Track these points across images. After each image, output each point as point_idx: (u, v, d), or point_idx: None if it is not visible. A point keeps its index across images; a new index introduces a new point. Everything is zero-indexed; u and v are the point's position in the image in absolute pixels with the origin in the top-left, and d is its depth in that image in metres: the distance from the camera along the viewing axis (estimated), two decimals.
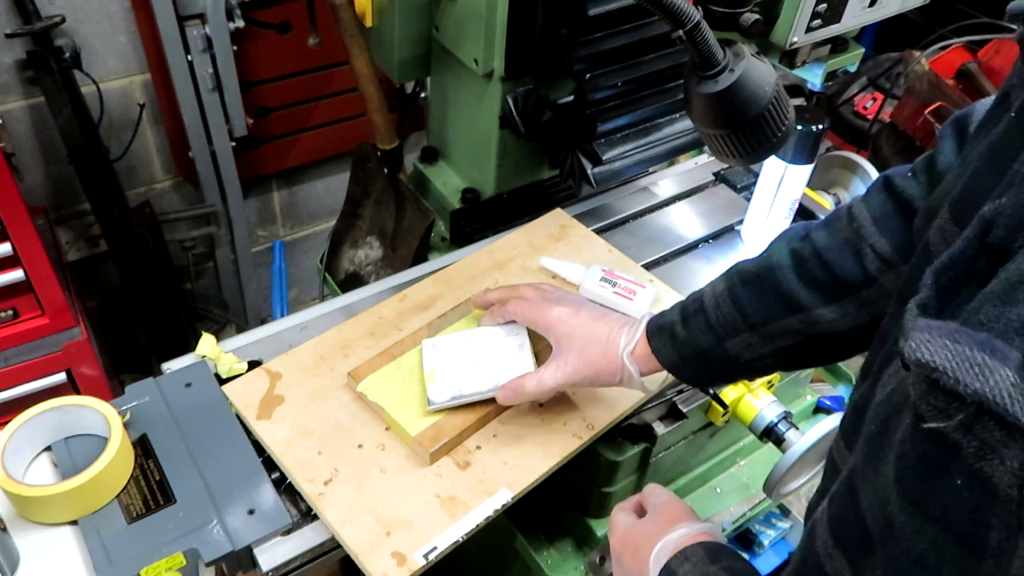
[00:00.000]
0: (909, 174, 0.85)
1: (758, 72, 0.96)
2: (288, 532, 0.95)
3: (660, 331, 0.94)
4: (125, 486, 0.95)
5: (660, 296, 1.22)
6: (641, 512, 0.93)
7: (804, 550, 0.63)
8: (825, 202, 1.61)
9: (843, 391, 1.64)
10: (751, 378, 1.01)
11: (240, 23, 1.99)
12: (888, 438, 0.53)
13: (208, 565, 0.90)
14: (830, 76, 1.30)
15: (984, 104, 0.76)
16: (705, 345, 0.91)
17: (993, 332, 0.46)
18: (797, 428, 1.22)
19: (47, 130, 2.01)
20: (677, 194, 1.50)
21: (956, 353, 0.45)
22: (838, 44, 1.28)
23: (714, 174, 1.55)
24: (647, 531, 0.87)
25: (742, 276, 0.91)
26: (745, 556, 1.25)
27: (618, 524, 0.92)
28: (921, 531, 0.49)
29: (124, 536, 0.90)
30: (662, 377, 0.99)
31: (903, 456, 0.50)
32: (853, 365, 3.05)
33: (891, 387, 0.56)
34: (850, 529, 0.57)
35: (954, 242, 0.50)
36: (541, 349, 1.09)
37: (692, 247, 1.39)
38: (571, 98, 1.33)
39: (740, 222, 1.42)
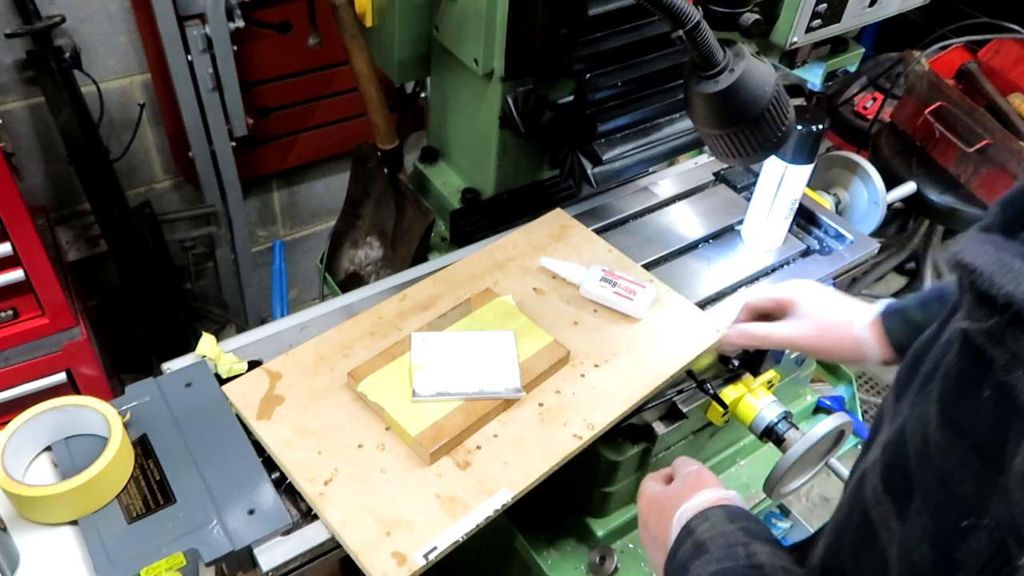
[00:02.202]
0: None
1: (758, 72, 0.96)
2: (288, 532, 0.95)
3: (894, 313, 0.98)
4: (125, 486, 0.95)
5: (660, 296, 1.23)
6: (670, 482, 0.96)
7: (851, 501, 0.64)
8: (825, 202, 1.61)
9: (843, 391, 1.64)
10: None
11: (240, 23, 1.99)
12: (938, 372, 0.55)
13: (208, 565, 0.90)
14: (830, 76, 1.30)
15: None
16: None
17: None
18: (797, 428, 1.22)
19: (47, 130, 2.01)
20: (677, 194, 1.50)
21: (996, 259, 0.48)
22: (838, 44, 1.28)
23: (714, 174, 1.55)
24: (672, 496, 0.90)
25: None
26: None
27: (646, 490, 0.96)
28: (950, 448, 0.52)
29: (124, 536, 0.90)
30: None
31: (946, 375, 0.53)
32: (853, 365, 3.04)
33: (949, 334, 0.58)
34: (899, 473, 0.58)
35: None
36: (527, 360, 1.10)
37: (692, 247, 1.39)
38: (571, 98, 1.33)
39: (740, 222, 1.42)
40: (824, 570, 0.68)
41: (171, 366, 1.11)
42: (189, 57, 1.99)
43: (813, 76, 1.29)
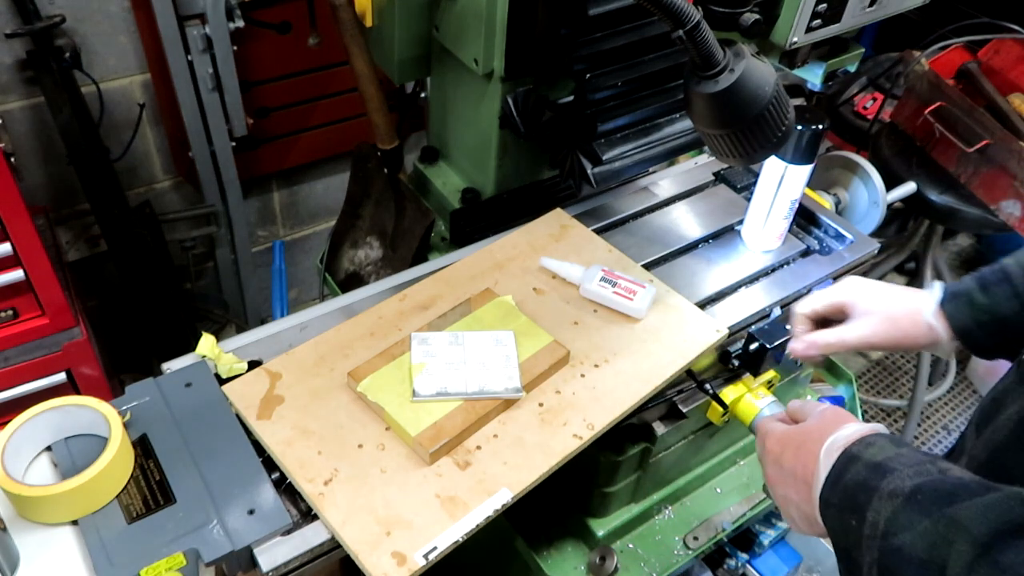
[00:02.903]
0: None
1: (758, 72, 0.96)
2: (288, 532, 0.95)
3: (955, 297, 0.97)
4: (125, 486, 0.95)
5: (660, 296, 1.23)
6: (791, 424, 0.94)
7: None
8: (825, 202, 1.61)
9: (843, 391, 1.64)
10: None
11: (240, 23, 1.99)
12: None
13: (208, 565, 0.90)
14: (830, 76, 1.30)
15: None
16: (1007, 312, 0.93)
17: None
18: None
19: (47, 130, 2.01)
20: (677, 194, 1.50)
21: None
22: (838, 44, 1.28)
23: (714, 174, 1.55)
24: (812, 430, 0.86)
25: None
26: (744, 557, 1.25)
27: (774, 430, 0.93)
28: None
29: (124, 536, 0.90)
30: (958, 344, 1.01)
31: None
32: (853, 366, 3.04)
33: None
34: None
35: None
36: (527, 360, 1.10)
37: (692, 247, 1.39)
38: (571, 98, 1.33)
39: (740, 222, 1.42)
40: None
41: (171, 366, 1.11)
42: (189, 57, 1.99)
43: (813, 76, 1.29)
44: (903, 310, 1.02)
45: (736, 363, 1.24)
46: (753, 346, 1.21)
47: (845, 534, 0.75)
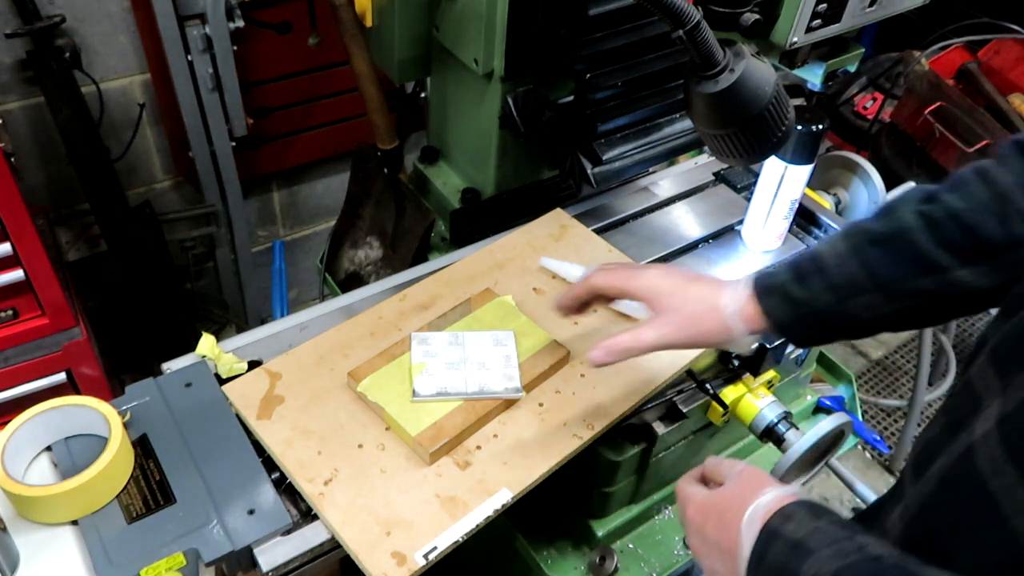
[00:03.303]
0: None
1: (758, 72, 0.96)
2: (288, 532, 0.95)
3: (771, 292, 0.94)
4: (125, 486, 0.95)
5: None
6: (708, 484, 0.91)
7: (959, 476, 0.63)
8: (825, 202, 1.62)
9: (843, 391, 1.64)
10: (861, 337, 1.00)
11: (240, 23, 1.99)
12: None
13: (208, 565, 0.90)
14: (830, 76, 1.30)
15: None
16: (824, 305, 0.91)
17: None
18: (797, 428, 1.22)
19: (47, 130, 2.01)
20: (677, 194, 1.50)
21: None
22: (838, 44, 1.28)
23: (714, 174, 1.55)
24: (732, 497, 0.84)
25: (869, 236, 0.90)
26: None
27: (694, 496, 0.89)
28: None
29: (124, 536, 0.90)
30: (755, 336, 0.98)
31: None
32: (853, 366, 3.04)
33: None
34: None
35: None
36: (527, 360, 1.10)
37: (692, 247, 1.39)
38: (571, 98, 1.33)
39: (740, 222, 1.42)
40: (912, 546, 0.67)
41: (171, 366, 1.11)
42: (189, 57, 1.99)
43: (813, 76, 1.29)
44: (703, 307, 0.97)
45: (736, 363, 1.24)
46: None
47: None
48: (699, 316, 0.96)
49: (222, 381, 1.09)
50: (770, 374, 1.27)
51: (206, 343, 1.12)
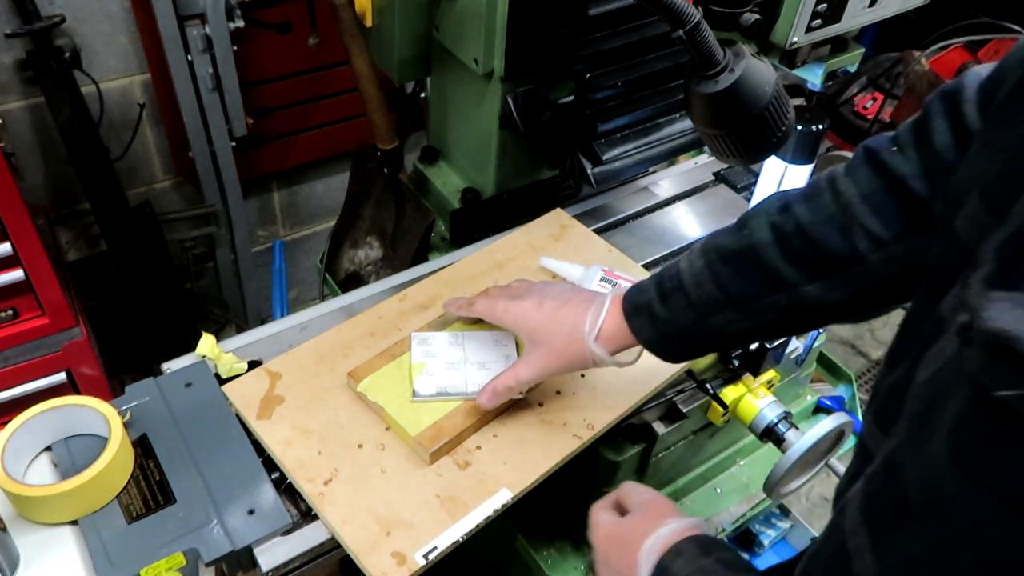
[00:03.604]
0: (895, 148, 0.84)
1: (758, 72, 0.96)
2: (288, 532, 0.95)
3: (639, 311, 0.94)
4: (125, 486, 0.95)
5: None
6: (621, 510, 0.92)
7: (830, 529, 0.63)
8: None
9: (843, 391, 1.64)
10: (732, 350, 1.01)
11: (240, 23, 1.99)
12: (934, 415, 0.53)
13: (208, 565, 0.90)
14: (830, 76, 1.30)
15: (975, 77, 0.75)
16: (686, 323, 0.91)
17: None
18: (797, 428, 1.22)
19: (47, 130, 2.01)
20: (677, 194, 1.50)
21: None
22: (838, 44, 1.28)
23: (714, 174, 1.55)
24: (634, 528, 0.86)
25: (721, 254, 0.90)
26: (745, 556, 1.26)
27: (602, 523, 0.91)
28: (977, 503, 0.49)
29: (124, 536, 0.90)
30: (638, 350, 0.99)
31: (959, 429, 0.50)
32: (853, 366, 3.04)
33: (935, 367, 0.56)
34: (883, 506, 0.57)
35: (989, 231, 0.51)
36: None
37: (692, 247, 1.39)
38: (571, 98, 1.33)
39: None
40: None
41: (171, 366, 1.11)
42: (189, 57, 1.99)
43: (813, 76, 1.29)
44: (568, 338, 0.98)
45: (736, 363, 1.24)
46: (753, 346, 1.21)
47: None
48: (564, 347, 0.98)
49: (222, 381, 1.09)
50: (770, 374, 1.27)
51: (206, 343, 1.12)
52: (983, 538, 0.49)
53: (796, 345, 1.34)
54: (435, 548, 0.92)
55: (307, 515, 0.98)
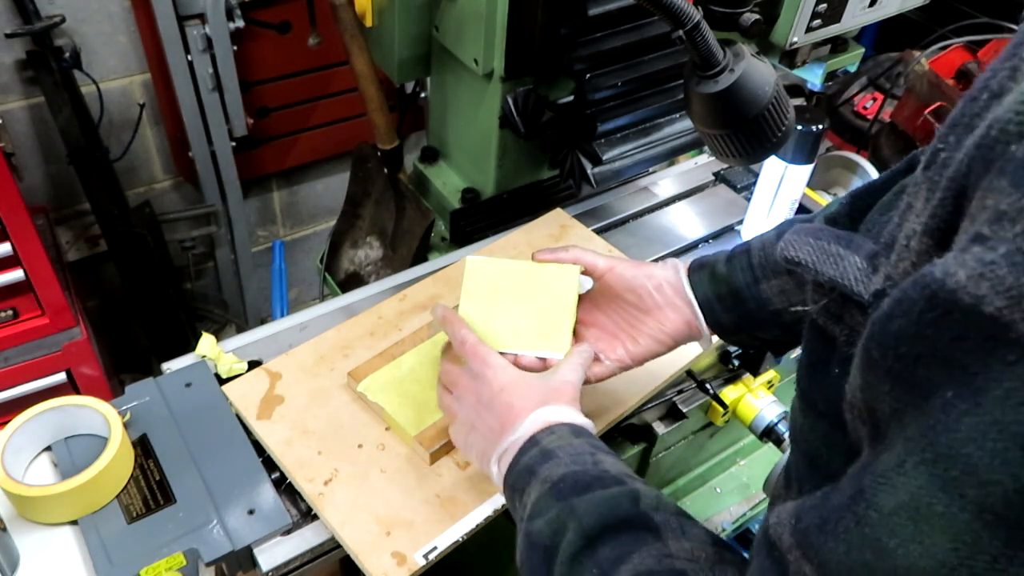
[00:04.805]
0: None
1: (758, 72, 0.96)
2: (288, 532, 0.95)
3: (702, 267, 0.95)
4: (125, 486, 0.95)
5: None
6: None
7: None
8: (825, 202, 1.61)
9: None
10: (769, 334, 0.96)
11: (240, 23, 1.99)
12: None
13: (208, 565, 0.90)
14: (830, 76, 1.30)
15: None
16: (740, 283, 0.91)
17: (870, 234, 0.55)
18: None
19: (47, 130, 2.01)
20: (677, 194, 1.50)
21: (816, 248, 0.54)
22: (838, 44, 1.28)
23: (714, 174, 1.55)
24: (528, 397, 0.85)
25: (794, 222, 0.89)
26: (745, 556, 1.24)
27: (499, 372, 0.88)
28: (813, 429, 0.55)
29: (124, 536, 0.90)
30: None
31: (800, 360, 0.58)
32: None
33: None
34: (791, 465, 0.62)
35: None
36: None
37: (692, 247, 1.39)
38: (571, 98, 1.33)
39: (740, 222, 1.42)
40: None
41: (171, 366, 1.11)
42: (189, 57, 1.99)
43: (813, 76, 1.29)
44: (676, 316, 0.96)
45: (736, 363, 1.24)
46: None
47: (514, 513, 0.80)
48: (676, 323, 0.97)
49: (222, 381, 1.09)
50: (770, 374, 1.27)
51: (206, 343, 1.12)
52: (821, 465, 0.55)
53: None
54: (435, 548, 0.92)
55: (307, 515, 0.98)
